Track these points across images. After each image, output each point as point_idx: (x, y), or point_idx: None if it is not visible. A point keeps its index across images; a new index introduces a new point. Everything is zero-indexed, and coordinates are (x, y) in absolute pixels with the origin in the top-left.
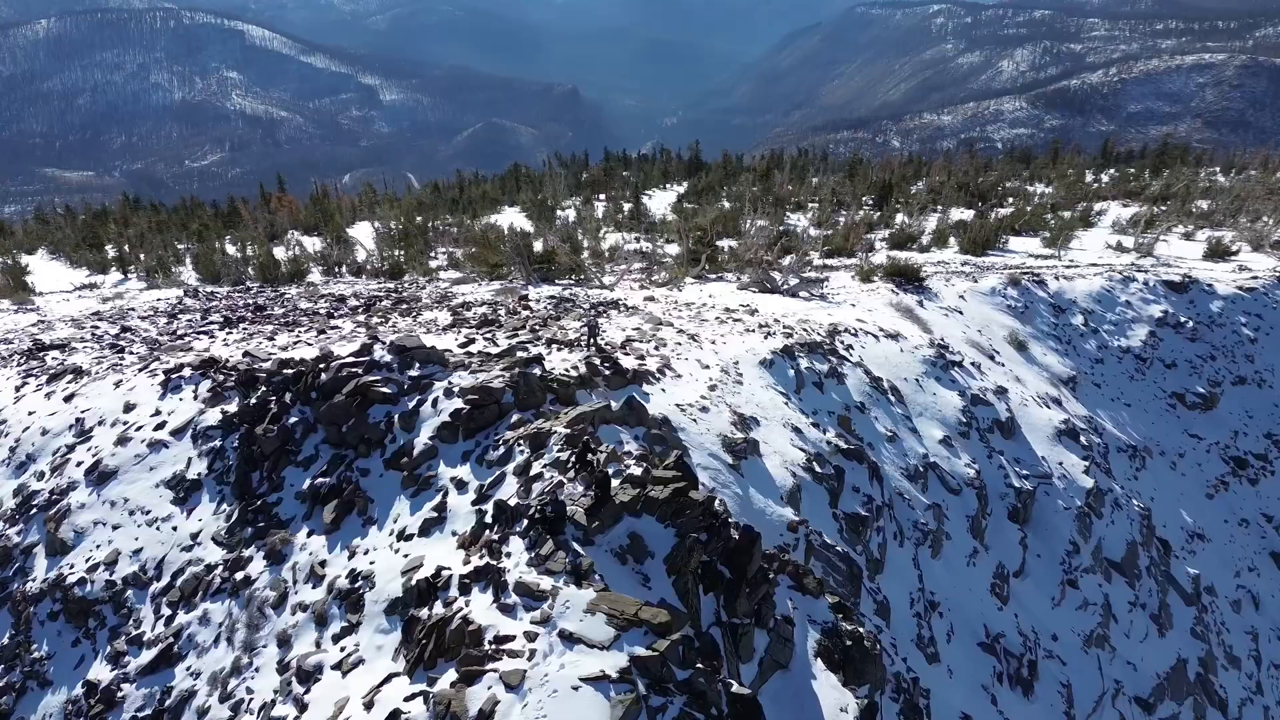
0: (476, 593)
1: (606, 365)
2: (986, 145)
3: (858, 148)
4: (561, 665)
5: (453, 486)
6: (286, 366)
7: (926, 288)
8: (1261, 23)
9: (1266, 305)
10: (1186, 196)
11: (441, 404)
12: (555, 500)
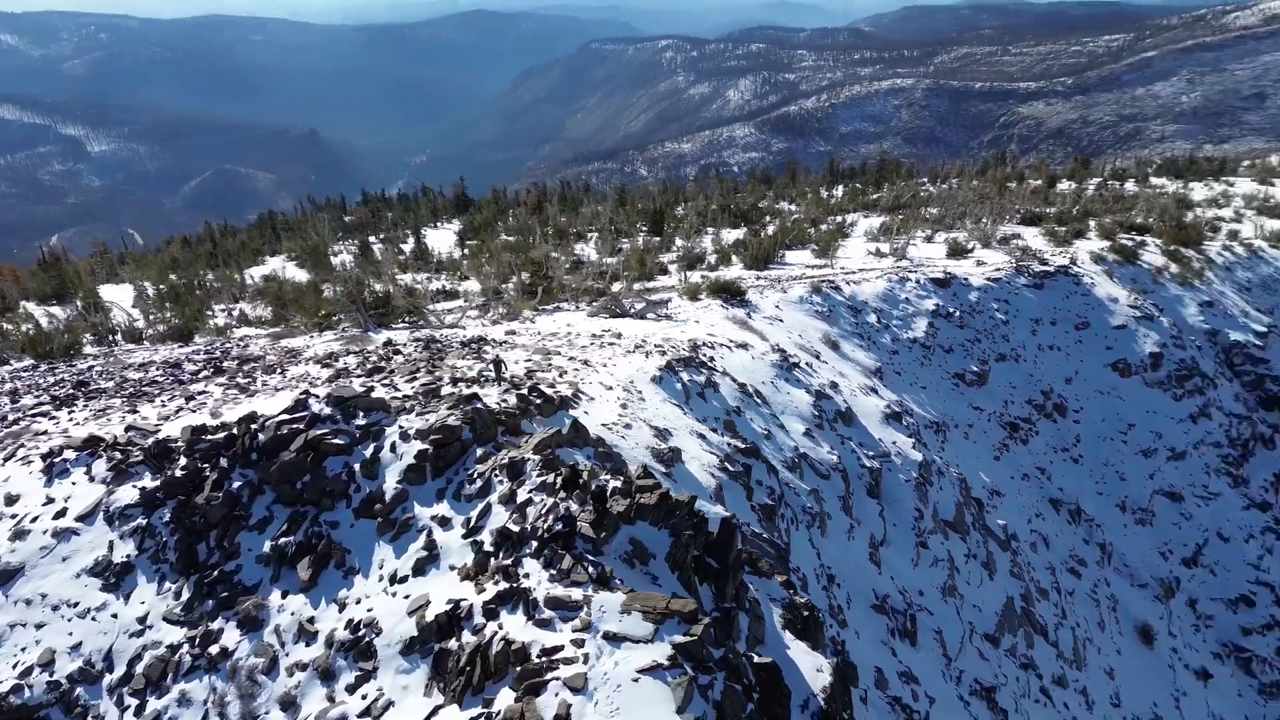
0: (505, 615)
1: (536, 396)
2: (725, 169)
3: (609, 177)
4: (615, 663)
5: (435, 525)
6: (204, 433)
7: (748, 301)
8: (938, 51)
9: (1010, 292)
10: (913, 204)
11: (401, 447)
12: (567, 517)
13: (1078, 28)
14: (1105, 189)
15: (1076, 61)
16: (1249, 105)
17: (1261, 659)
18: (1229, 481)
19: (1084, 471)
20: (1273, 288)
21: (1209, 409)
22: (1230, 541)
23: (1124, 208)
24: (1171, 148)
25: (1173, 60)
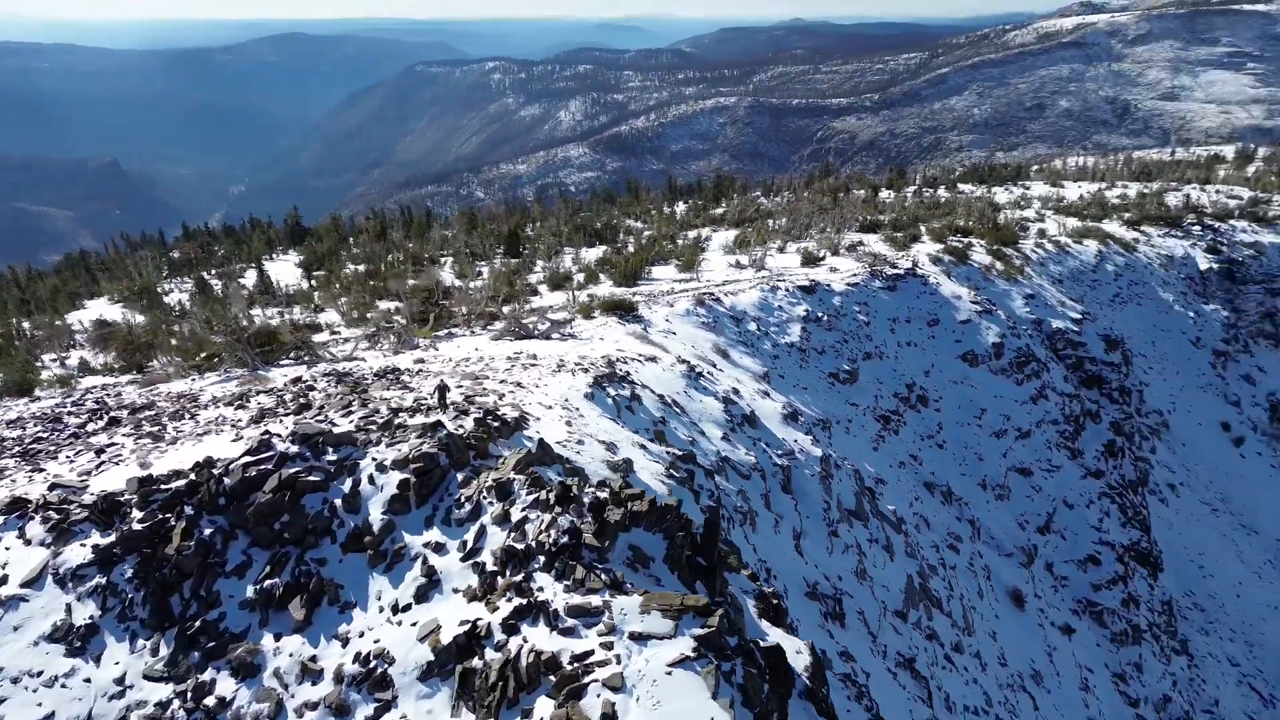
0: (527, 628)
1: (492, 419)
2: (562, 189)
3: (444, 200)
4: (646, 660)
5: (430, 551)
6: (154, 484)
7: (641, 316)
8: (756, 70)
9: (868, 295)
10: (757, 218)
11: (380, 479)
12: (573, 529)
13: (879, 47)
14: (922, 196)
15: (880, 79)
16: (1031, 115)
17: (1110, 611)
18: (1068, 454)
19: (948, 455)
20: (1080, 278)
21: (1045, 390)
22: (1075, 508)
23: (943, 213)
24: (969, 156)
25: (964, 76)
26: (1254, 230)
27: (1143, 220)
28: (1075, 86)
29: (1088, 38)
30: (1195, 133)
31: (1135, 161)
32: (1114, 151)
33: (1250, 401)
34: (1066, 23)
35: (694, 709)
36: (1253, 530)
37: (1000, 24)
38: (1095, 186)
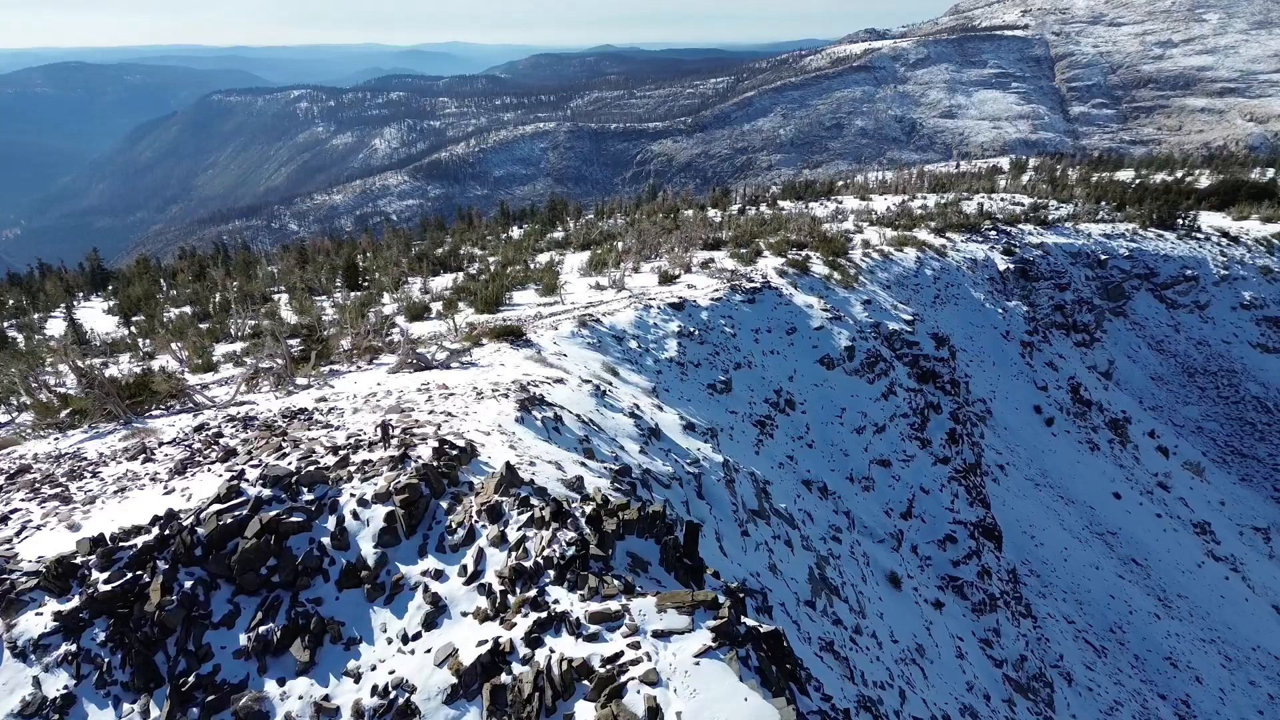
0: (551, 639)
1: (449, 448)
2: (383, 218)
3: (255, 235)
4: (674, 654)
5: (429, 579)
6: (106, 543)
7: (531, 340)
8: (573, 95)
9: (731, 309)
10: (602, 240)
11: (364, 514)
12: (581, 541)
13: (688, 72)
14: (747, 213)
15: (692, 102)
16: (831, 134)
17: (969, 584)
18: (919, 444)
19: (818, 454)
20: (904, 283)
21: (894, 387)
22: (930, 493)
23: (773, 229)
24: (779, 174)
25: (769, 99)
26: (1039, 232)
27: (947, 228)
28: (868, 107)
29: (875, 62)
30: (973, 147)
31: (927, 175)
32: (906, 166)
33: (1055, 385)
34: (855, 48)
35: (727, 692)
36: (1070, 500)
37: (797, 49)
38: (899, 198)
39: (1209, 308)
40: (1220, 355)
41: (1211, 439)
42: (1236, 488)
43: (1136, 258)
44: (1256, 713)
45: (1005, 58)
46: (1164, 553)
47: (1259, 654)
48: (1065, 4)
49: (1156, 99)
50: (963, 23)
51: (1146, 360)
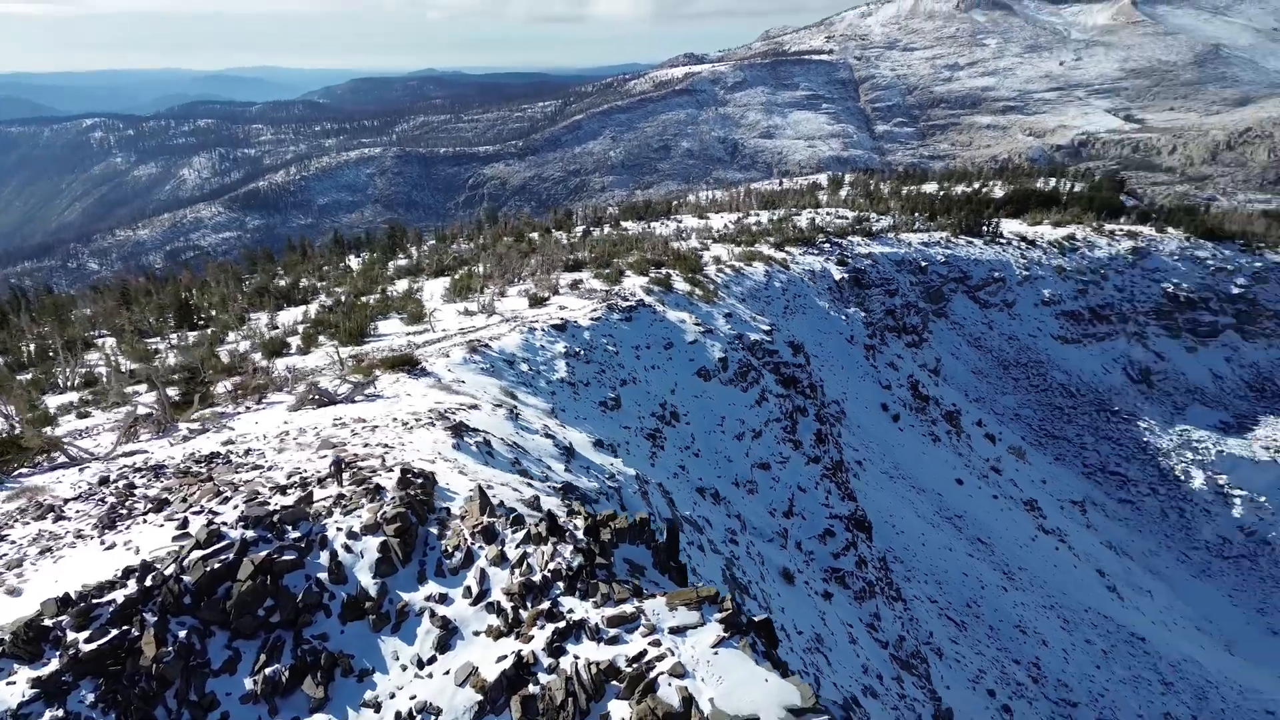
0: (573, 646)
1: (415, 477)
2: (198, 253)
3: (50, 276)
4: (692, 646)
5: (434, 604)
6: (84, 600)
7: (426, 370)
8: (398, 120)
9: (611, 328)
10: (456, 266)
11: (356, 546)
12: (587, 551)
13: (515, 96)
14: (591, 235)
15: (521, 126)
16: (660, 155)
17: (850, 574)
18: (792, 446)
19: (705, 462)
20: (757, 296)
21: (766, 394)
22: (807, 491)
23: (626, 249)
24: (612, 195)
25: (597, 122)
26: (867, 243)
27: (785, 242)
28: (692, 129)
29: (696, 85)
30: (792, 164)
31: (754, 193)
32: (732, 185)
33: (897, 384)
34: (677, 72)
35: (748, 676)
36: (920, 489)
37: (621, 73)
38: (735, 216)
39: (1015, 305)
40: (1028, 348)
41: (1028, 424)
42: (1053, 467)
43: (952, 263)
44: (1094, 667)
45: (815, 81)
46: (1003, 530)
47: (1091, 614)
48: (864, 31)
49: (949, 117)
50: (774, 48)
51: (967, 356)
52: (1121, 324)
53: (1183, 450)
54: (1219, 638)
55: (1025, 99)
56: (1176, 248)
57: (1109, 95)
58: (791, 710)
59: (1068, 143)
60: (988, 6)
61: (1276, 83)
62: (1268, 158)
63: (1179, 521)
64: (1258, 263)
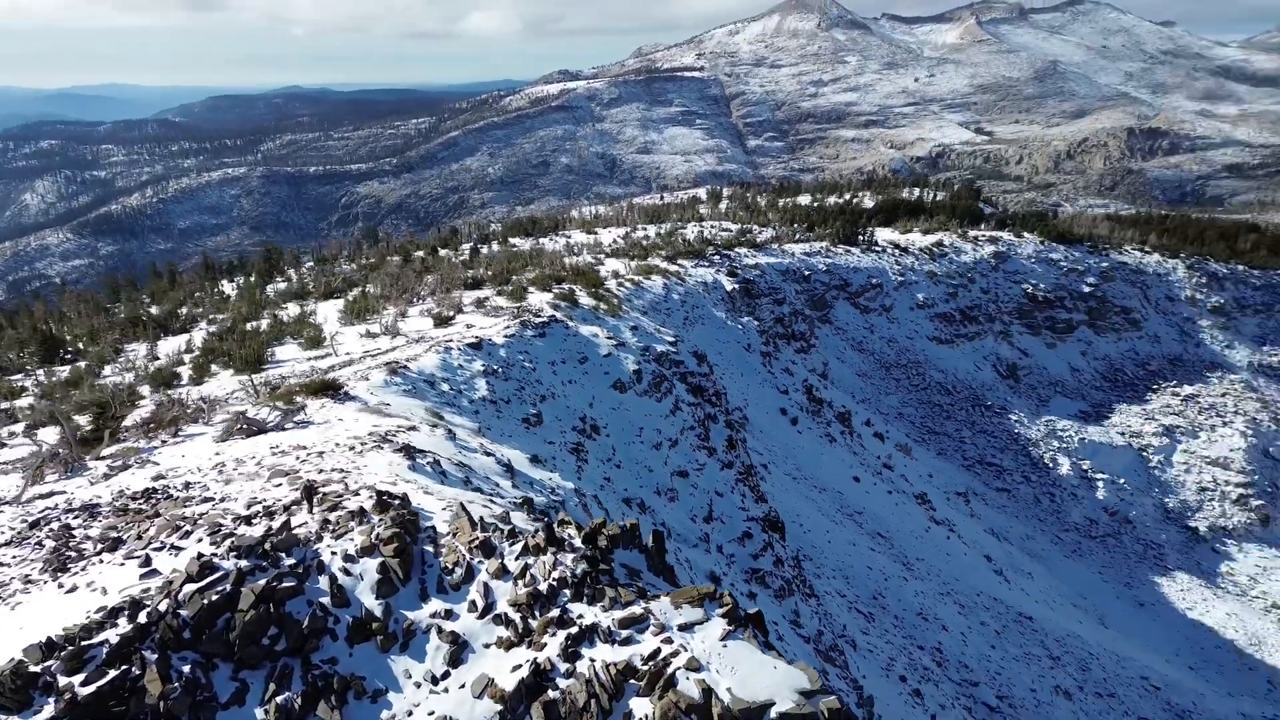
0: (587, 650)
1: (390, 499)
2: (45, 283)
3: None
4: (702, 641)
5: (440, 620)
6: (74, 642)
7: (350, 394)
8: (262, 139)
9: (526, 344)
10: (346, 288)
11: (354, 568)
12: (590, 559)
13: (387, 113)
14: (480, 253)
15: (395, 143)
16: (539, 171)
17: (769, 573)
18: (706, 453)
19: (627, 473)
20: (658, 308)
21: (679, 404)
22: (724, 496)
23: (521, 266)
24: (493, 211)
25: (474, 139)
26: (753, 254)
27: (677, 255)
28: (570, 145)
29: (572, 102)
30: (670, 179)
31: (637, 207)
32: (613, 200)
33: (793, 389)
34: (552, 89)
35: (760, 664)
36: (822, 488)
37: (496, 90)
38: (622, 230)
39: (893, 310)
40: (907, 350)
41: (911, 422)
42: (936, 461)
43: (833, 271)
44: (990, 647)
45: (688, 97)
46: (899, 523)
47: (983, 598)
48: (733, 49)
49: (816, 131)
50: (647, 65)
51: (852, 360)
52: (989, 324)
53: (1049, 439)
54: (1094, 612)
55: (885, 113)
56: (1033, 251)
57: (961, 109)
58: (802, 692)
59: (926, 154)
60: (847, 26)
61: (1107, 95)
62: (1103, 165)
63: (1051, 506)
64: (1104, 263)
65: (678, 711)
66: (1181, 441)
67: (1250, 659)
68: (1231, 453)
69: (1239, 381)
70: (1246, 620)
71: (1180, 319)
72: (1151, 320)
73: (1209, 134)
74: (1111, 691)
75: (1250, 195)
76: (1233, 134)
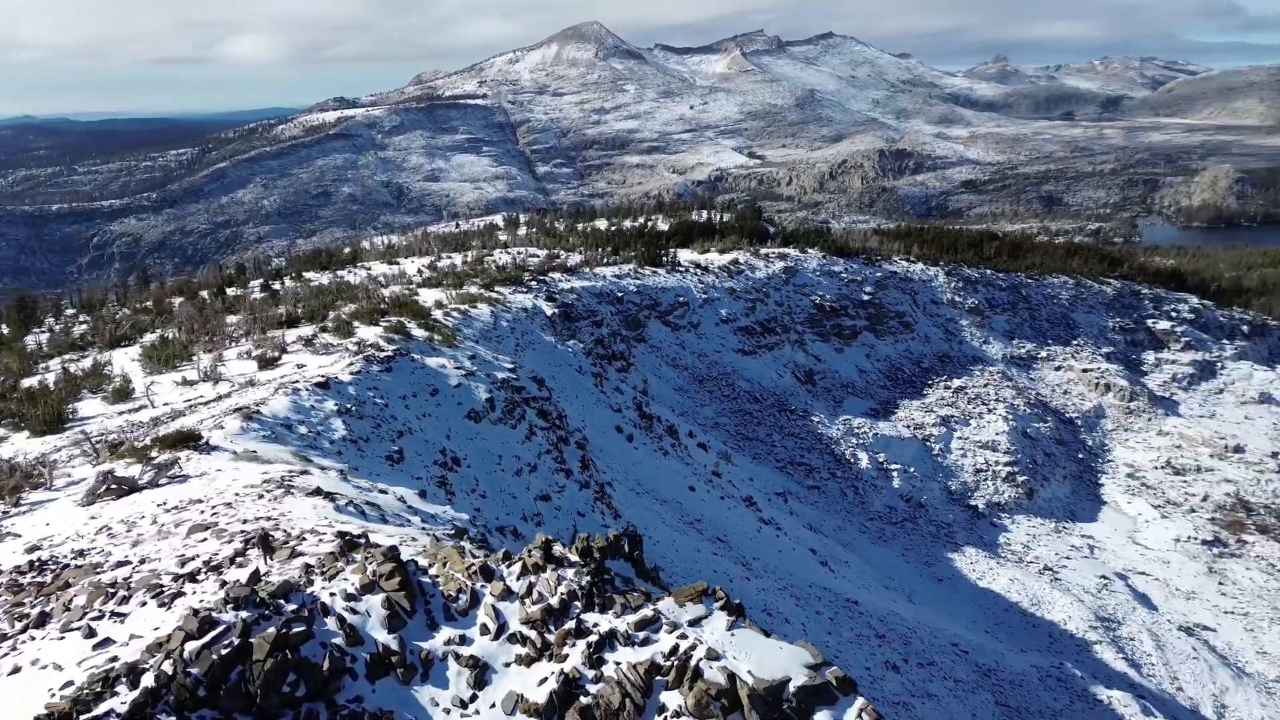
0: (610, 654)
1: (358, 538)
2: None
3: None
4: (712, 632)
5: (456, 646)
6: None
7: (211, 445)
8: None
9: (374, 380)
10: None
11: (360, 606)
12: (597, 569)
13: (140, 143)
14: (273, 289)
15: (154, 176)
16: (320, 202)
17: None
18: (564, 475)
19: (494, 502)
20: (489, 336)
21: (534, 429)
22: (586, 516)
23: (331, 301)
24: (271, 245)
25: (244, 170)
26: (567, 279)
27: (493, 283)
28: (352, 174)
29: (351, 129)
30: (461, 207)
31: (434, 235)
32: (405, 229)
33: (626, 407)
34: (328, 116)
35: (768, 646)
36: (663, 500)
37: (265, 118)
38: (427, 259)
39: (700, 326)
40: (716, 363)
41: (727, 431)
42: (754, 465)
43: (643, 292)
44: (826, 634)
45: (474, 124)
46: (734, 527)
47: (815, 589)
48: (514, 76)
49: (602, 157)
50: (428, 92)
51: (668, 375)
52: (785, 334)
53: (848, 437)
54: (903, 591)
55: (666, 139)
56: (817, 265)
57: (734, 135)
58: (810, 666)
59: (706, 178)
60: (623, 56)
61: (860, 121)
62: (861, 184)
63: (855, 499)
64: (878, 273)
65: (709, 698)
66: (957, 430)
67: (1033, 617)
68: (997, 436)
69: (997, 372)
70: (1026, 583)
71: (945, 320)
72: (921, 323)
73: (946, 154)
74: (931, 660)
75: (984, 208)
76: (966, 154)
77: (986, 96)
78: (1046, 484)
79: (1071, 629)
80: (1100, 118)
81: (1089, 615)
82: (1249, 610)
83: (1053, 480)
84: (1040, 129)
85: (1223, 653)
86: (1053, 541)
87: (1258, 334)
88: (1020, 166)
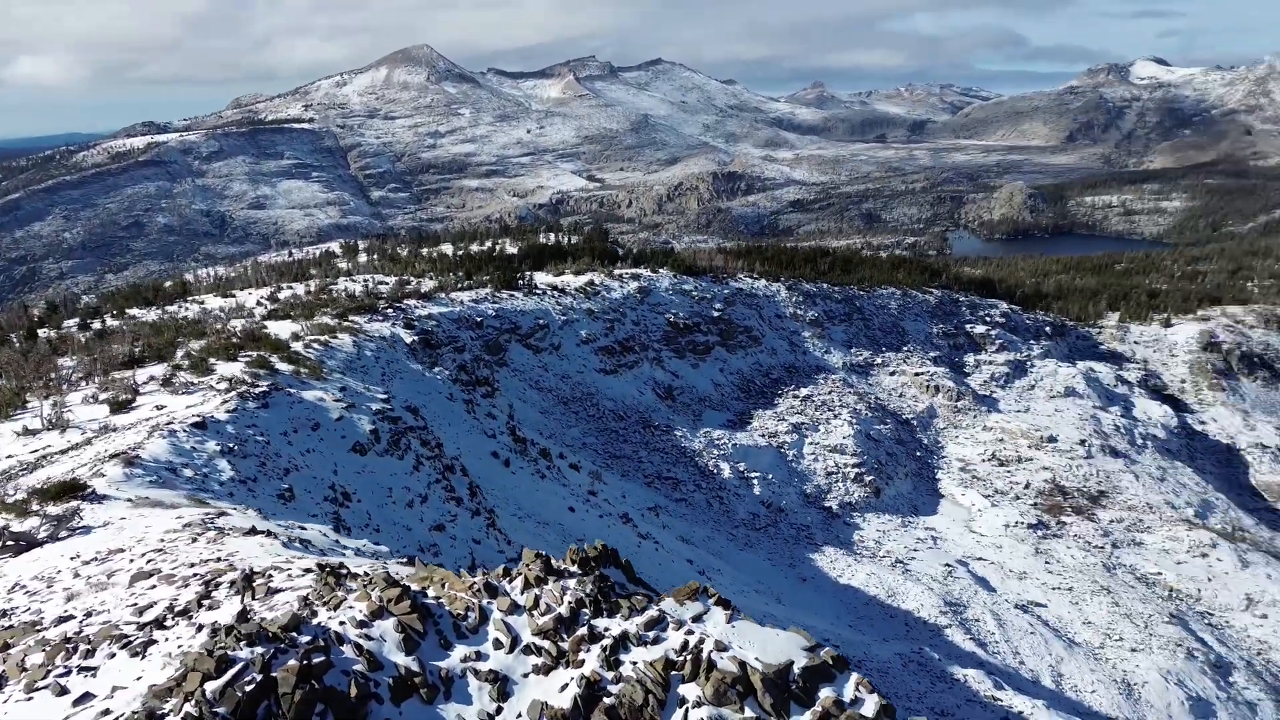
0: (625, 655)
1: (342, 570)
2: None
3: None
4: (714, 624)
5: (473, 662)
6: None
7: (99, 494)
8: None
9: (252, 417)
10: None
11: (374, 631)
12: (599, 576)
13: None
14: (91, 328)
15: None
16: (131, 234)
17: None
18: (455, 504)
19: (388, 536)
20: (354, 366)
21: (420, 460)
22: (481, 543)
23: (172, 339)
24: (76, 281)
25: (41, 201)
26: (423, 305)
27: (347, 312)
28: (168, 203)
29: (164, 156)
30: (291, 235)
31: (265, 265)
32: (231, 260)
33: (500, 432)
34: (137, 142)
35: (766, 635)
36: (545, 522)
37: (63, 145)
38: (266, 291)
39: (562, 348)
40: (579, 384)
41: (595, 450)
42: (624, 483)
43: (503, 315)
44: None
45: (300, 149)
46: (617, 542)
47: None
48: (342, 100)
49: (440, 181)
50: (249, 116)
51: (533, 398)
52: (643, 352)
53: (710, 449)
54: (772, 594)
55: (505, 163)
56: (669, 284)
57: (572, 158)
58: (807, 649)
59: (547, 201)
60: (456, 79)
61: (692, 145)
62: (698, 206)
63: (721, 508)
64: (726, 290)
65: (725, 686)
66: (808, 436)
67: (891, 608)
68: (844, 440)
69: (839, 380)
70: (882, 576)
71: (789, 333)
72: (768, 336)
73: (775, 175)
74: None
75: (812, 225)
76: (792, 175)
77: (808, 121)
78: (891, 482)
79: (925, 615)
80: (909, 140)
81: (939, 601)
82: (1073, 585)
83: (896, 478)
84: (857, 150)
85: (1055, 626)
86: (901, 535)
87: (1059, 334)
88: (842, 186)
